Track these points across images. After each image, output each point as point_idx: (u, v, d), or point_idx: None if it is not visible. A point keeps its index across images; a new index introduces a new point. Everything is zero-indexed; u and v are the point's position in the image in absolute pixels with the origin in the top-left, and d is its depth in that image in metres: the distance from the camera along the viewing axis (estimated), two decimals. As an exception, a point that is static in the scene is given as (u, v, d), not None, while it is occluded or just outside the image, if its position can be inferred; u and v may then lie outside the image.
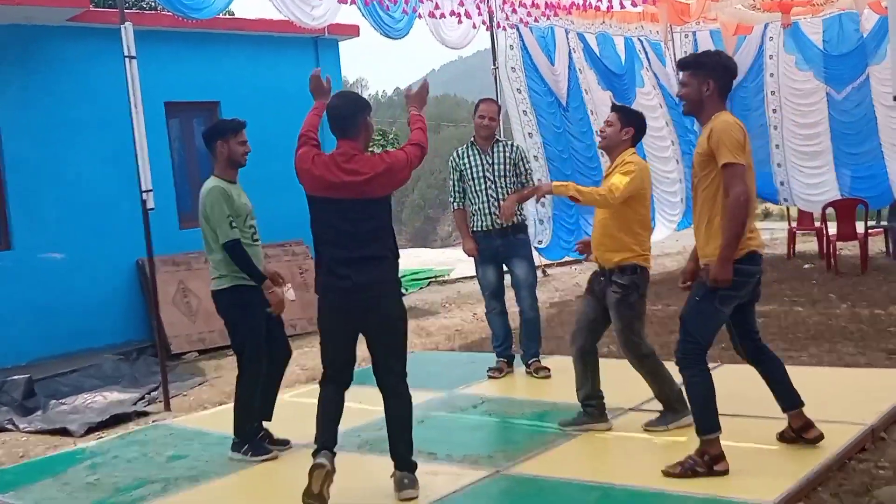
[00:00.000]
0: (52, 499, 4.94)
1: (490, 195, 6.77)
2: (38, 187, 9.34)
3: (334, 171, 4.43)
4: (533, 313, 6.92)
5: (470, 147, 6.89)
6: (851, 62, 11.73)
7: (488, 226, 6.79)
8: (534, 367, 6.89)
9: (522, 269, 6.87)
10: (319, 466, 4.29)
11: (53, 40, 9.49)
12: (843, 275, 10.35)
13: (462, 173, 6.89)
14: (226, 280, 5.27)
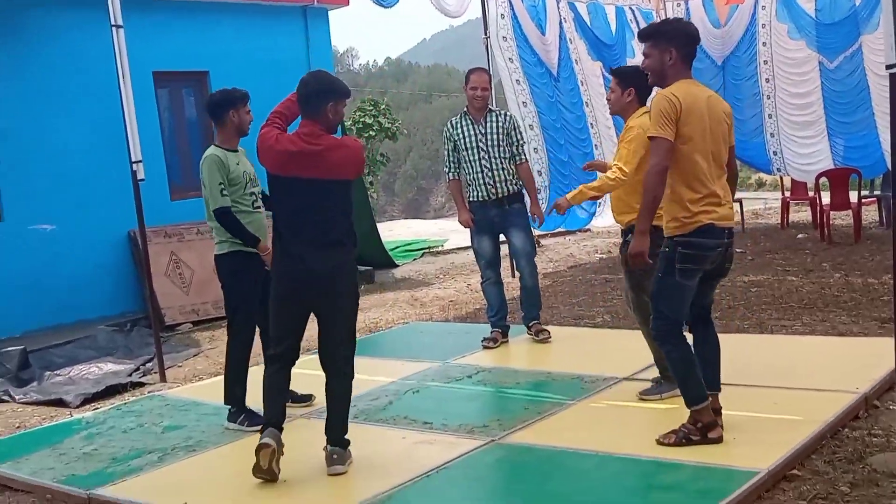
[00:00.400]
0: (49, 469, 4.95)
1: (484, 165, 6.76)
2: (28, 159, 9.27)
3: (296, 142, 4.43)
4: (532, 280, 6.95)
5: (463, 117, 6.86)
6: (843, 31, 11.68)
7: (484, 196, 6.79)
8: (534, 329, 6.95)
9: (520, 239, 6.87)
10: (265, 446, 4.35)
11: (40, 10, 9.37)
12: (837, 244, 10.38)
13: (456, 144, 6.87)
14: (225, 245, 5.40)
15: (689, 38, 4.43)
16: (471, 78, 6.86)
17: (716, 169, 4.35)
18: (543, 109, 11.48)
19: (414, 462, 4.54)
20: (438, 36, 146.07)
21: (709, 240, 4.30)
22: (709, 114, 4.32)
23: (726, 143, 4.42)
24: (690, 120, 4.25)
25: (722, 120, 4.38)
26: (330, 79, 4.60)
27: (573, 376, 5.83)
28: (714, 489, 3.84)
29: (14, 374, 7.41)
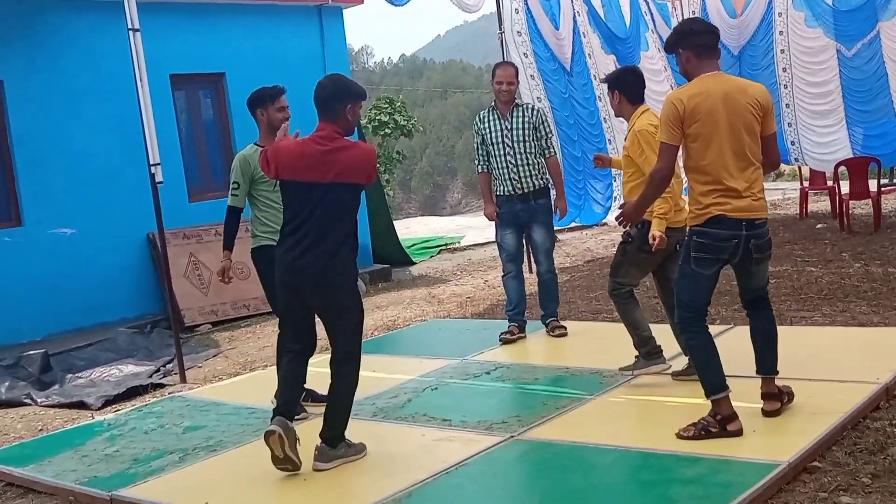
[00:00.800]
0: (71, 471, 4.99)
1: (509, 161, 6.79)
2: (47, 163, 9.35)
3: (311, 144, 4.50)
4: (549, 275, 6.96)
5: (491, 112, 6.90)
6: (861, 17, 11.56)
7: (509, 191, 6.83)
8: (551, 325, 6.97)
9: (540, 234, 6.90)
10: (270, 433, 4.41)
11: (57, 14, 9.45)
12: (856, 234, 10.30)
13: (484, 138, 6.93)
14: (256, 240, 5.53)
15: (691, 34, 4.49)
16: (496, 72, 6.88)
17: (737, 162, 4.36)
18: (557, 105, 11.47)
19: (433, 459, 4.55)
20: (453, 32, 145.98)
21: (721, 231, 4.35)
22: (725, 108, 4.33)
23: (752, 133, 4.39)
24: (697, 118, 4.32)
25: (745, 111, 4.36)
26: (346, 81, 4.66)
27: (592, 371, 5.83)
28: (734, 482, 3.82)
29: (36, 378, 7.48)
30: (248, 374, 7.15)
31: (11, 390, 7.23)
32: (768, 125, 4.46)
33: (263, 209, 5.48)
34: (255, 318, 9.73)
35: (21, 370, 7.57)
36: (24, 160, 9.24)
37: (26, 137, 9.25)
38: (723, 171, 4.35)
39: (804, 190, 12.68)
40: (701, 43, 4.45)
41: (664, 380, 5.44)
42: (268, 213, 5.46)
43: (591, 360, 6.08)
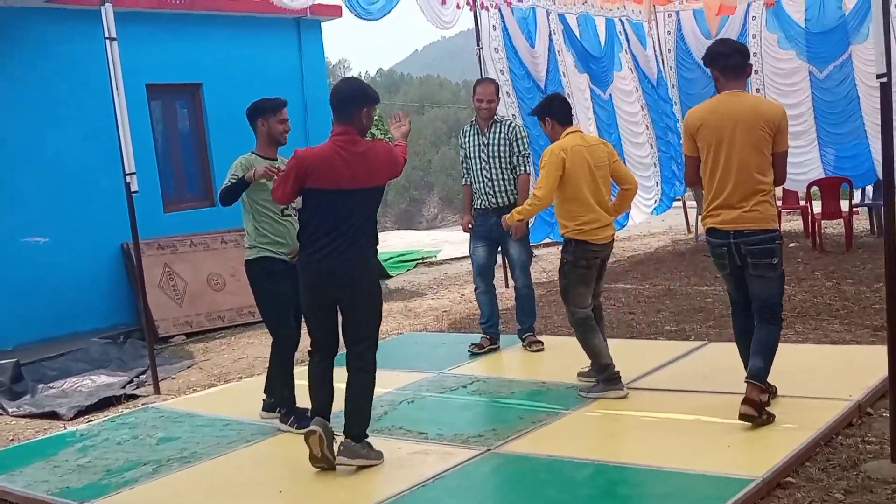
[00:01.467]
0: (43, 481, 4.94)
1: (484, 175, 6.86)
2: (21, 170, 9.26)
3: (340, 149, 4.60)
4: (526, 290, 6.99)
5: (472, 126, 7.01)
6: (833, 40, 11.74)
7: (485, 205, 6.91)
8: (528, 340, 7.00)
9: (515, 249, 6.94)
10: (311, 433, 4.55)
11: (33, 22, 9.38)
12: (828, 253, 10.42)
13: (465, 152, 7.01)
14: (254, 251, 5.45)
15: (719, 56, 4.87)
16: (477, 90, 6.98)
17: (737, 176, 4.72)
18: (529, 123, 11.50)
19: (409, 472, 4.54)
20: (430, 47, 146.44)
21: (713, 239, 4.93)
22: (732, 125, 4.71)
23: (758, 150, 4.70)
24: (701, 133, 4.82)
25: (754, 129, 4.69)
26: (362, 85, 4.82)
27: (568, 386, 5.85)
28: (709, 496, 3.85)
29: (7, 387, 7.39)
30: (222, 385, 7.11)
31: (-19, 400, 7.14)
32: (779, 143, 4.75)
33: (261, 219, 5.42)
34: (230, 329, 9.68)
35: (-9, 380, 7.48)
36: (-3, 168, 9.15)
37: (0, 146, 9.16)
38: (718, 183, 4.77)
39: (777, 209, 12.80)
40: (727, 65, 4.83)
41: (639, 395, 5.46)
42: (266, 223, 5.41)
43: (567, 374, 6.10)
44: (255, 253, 5.43)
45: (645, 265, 11.02)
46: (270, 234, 5.41)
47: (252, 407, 6.11)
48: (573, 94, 12.00)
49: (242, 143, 11.17)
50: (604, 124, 12.23)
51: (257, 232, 5.42)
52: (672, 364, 6.15)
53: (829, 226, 11.98)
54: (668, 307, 8.24)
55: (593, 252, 5.60)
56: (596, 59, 12.30)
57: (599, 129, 12.12)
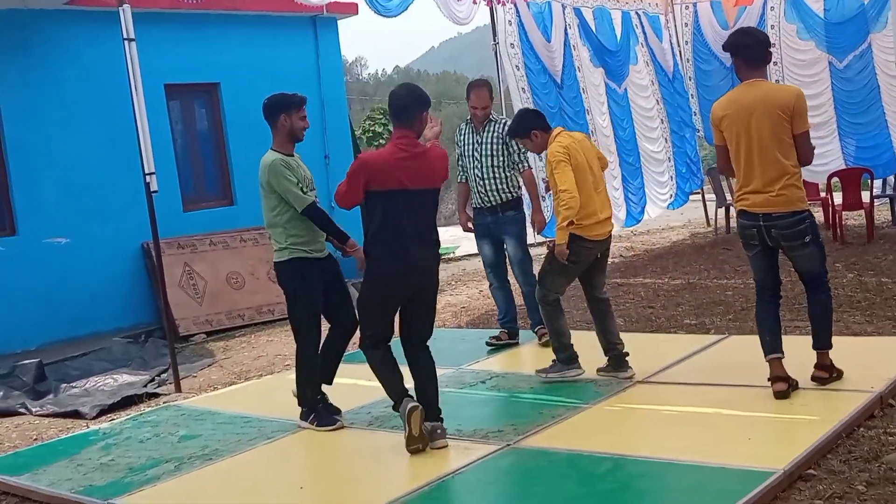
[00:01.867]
0: (67, 479, 4.98)
1: (476, 174, 6.87)
2: (41, 172, 9.35)
3: (401, 155, 4.79)
4: (528, 288, 6.92)
5: (467, 125, 7.02)
6: (852, 30, 11.66)
7: (479, 203, 6.95)
8: (539, 333, 6.99)
9: (511, 246, 6.97)
10: (414, 408, 4.73)
11: (52, 24, 9.46)
12: (850, 244, 10.35)
13: (461, 150, 7.03)
14: (286, 252, 5.36)
15: (740, 47, 5.04)
16: (471, 96, 6.94)
17: (760, 162, 4.93)
18: None
19: (429, 468, 4.55)
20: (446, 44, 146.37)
21: (743, 220, 5.13)
22: (751, 114, 4.90)
23: (777, 135, 4.87)
24: (724, 124, 5.03)
25: (771, 115, 4.86)
26: (418, 90, 5.00)
27: (587, 380, 5.84)
28: (730, 490, 3.83)
29: (30, 387, 7.46)
30: (243, 383, 7.15)
31: (6, 400, 7.22)
32: (797, 125, 4.89)
33: (295, 220, 5.34)
34: (250, 327, 9.73)
35: (15, 380, 7.56)
36: (18, 170, 9.24)
37: (20, 147, 9.25)
38: (745, 170, 5.00)
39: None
40: (748, 56, 5.01)
41: (659, 388, 5.45)
42: (294, 223, 5.34)
43: (586, 368, 6.08)
44: (287, 254, 5.36)
45: (664, 259, 10.98)
46: (300, 233, 5.35)
47: (272, 404, 6.16)
48: (587, 90, 11.97)
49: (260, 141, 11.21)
50: (617, 119, 12.19)
51: (287, 233, 5.35)
52: (692, 358, 6.13)
53: (850, 217, 11.89)
54: (688, 301, 8.21)
55: (587, 249, 5.64)
56: (612, 53, 12.26)
57: (613, 125, 12.09)
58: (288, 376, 7.06)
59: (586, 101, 11.96)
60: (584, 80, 12.01)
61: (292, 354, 7.90)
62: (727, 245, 11.51)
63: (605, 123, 11.99)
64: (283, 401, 6.20)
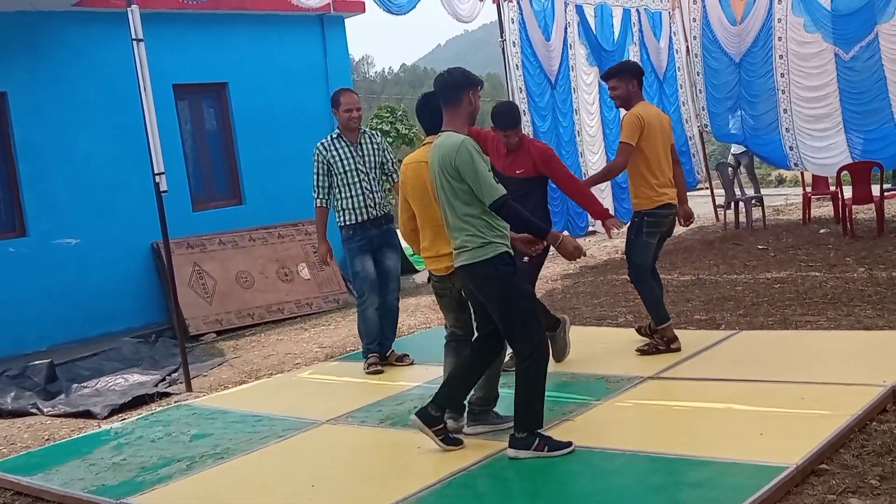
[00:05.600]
0: (79, 479, 5.00)
1: (364, 187, 6.68)
2: (50, 174, 9.39)
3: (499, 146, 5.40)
4: (397, 304, 6.94)
5: (337, 140, 6.74)
6: (860, 20, 11.59)
7: (363, 218, 6.68)
8: (392, 357, 6.87)
9: (393, 259, 6.87)
10: None
11: (60, 25, 9.49)
12: (860, 238, 10.30)
13: (331, 167, 6.69)
14: (489, 248, 4.53)
15: (639, 70, 6.19)
16: (343, 100, 6.73)
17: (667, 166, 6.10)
18: (538, 122, 11.43)
19: (440, 464, 4.55)
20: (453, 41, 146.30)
21: (667, 210, 6.12)
22: (659, 124, 6.06)
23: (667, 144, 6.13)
24: (647, 130, 5.97)
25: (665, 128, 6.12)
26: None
27: (597, 377, 5.82)
28: (742, 485, 3.82)
29: (42, 388, 7.49)
30: (253, 382, 7.16)
31: (17, 400, 7.24)
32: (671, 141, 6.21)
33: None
34: (259, 326, 9.75)
35: (27, 380, 7.59)
36: (28, 171, 9.27)
37: (30, 148, 9.28)
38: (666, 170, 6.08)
39: (807, 195, 12.69)
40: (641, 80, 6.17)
41: (670, 384, 5.44)
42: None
43: (595, 365, 6.09)
44: (492, 251, 4.52)
45: (673, 255, 10.94)
46: (501, 226, 4.59)
47: (283, 403, 6.17)
48: (578, 89, 11.98)
49: (269, 140, 11.32)
50: (606, 119, 12.23)
51: (489, 225, 4.53)
52: (702, 353, 6.11)
53: (860, 211, 11.84)
54: (698, 296, 8.19)
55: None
56: (608, 53, 12.26)
57: (603, 124, 12.16)
58: (298, 375, 7.10)
59: (575, 102, 11.98)
60: (577, 80, 12.02)
61: (302, 353, 8.00)
62: (736, 240, 11.49)
63: (591, 122, 12.05)
64: (293, 399, 6.23)
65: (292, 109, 11.24)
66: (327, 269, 10.41)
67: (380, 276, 6.82)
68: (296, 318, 10.04)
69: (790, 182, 24.40)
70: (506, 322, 4.55)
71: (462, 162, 4.44)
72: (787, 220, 13.13)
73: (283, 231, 10.81)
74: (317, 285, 10.57)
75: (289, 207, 10.79)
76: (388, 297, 6.88)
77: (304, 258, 10.67)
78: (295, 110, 11.27)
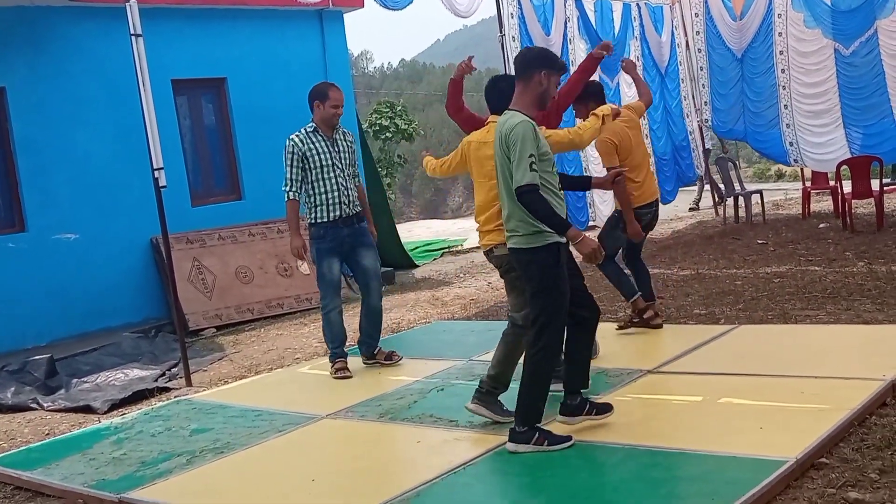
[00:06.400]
0: (79, 474, 5.00)
1: (340, 183, 6.51)
2: (49, 169, 9.38)
3: None
4: (380, 303, 6.77)
5: (314, 133, 6.55)
6: (860, 16, 11.60)
7: (336, 215, 6.49)
8: (383, 354, 6.76)
9: (370, 258, 6.68)
10: None
11: (59, 20, 9.47)
12: (859, 233, 10.31)
13: (307, 161, 6.49)
14: (540, 237, 4.48)
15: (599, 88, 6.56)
16: (332, 95, 6.54)
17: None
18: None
19: (440, 459, 4.56)
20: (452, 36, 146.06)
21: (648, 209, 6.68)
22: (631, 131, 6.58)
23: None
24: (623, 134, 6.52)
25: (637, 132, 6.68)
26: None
27: (597, 370, 5.81)
28: (742, 479, 3.82)
29: (42, 383, 7.49)
30: (253, 377, 7.16)
31: (18, 395, 7.25)
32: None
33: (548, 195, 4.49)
34: (259, 321, 9.76)
35: (27, 375, 7.59)
36: (27, 166, 9.26)
37: (29, 144, 9.27)
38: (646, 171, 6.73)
39: (806, 190, 12.70)
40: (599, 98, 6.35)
41: (669, 378, 5.44)
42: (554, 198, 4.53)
43: (596, 359, 6.08)
44: (543, 239, 4.46)
45: (673, 249, 10.95)
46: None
47: (283, 397, 6.17)
48: None
49: (268, 135, 11.31)
50: None
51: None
52: (702, 347, 6.11)
53: (860, 205, 11.84)
54: (697, 291, 8.19)
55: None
56: (609, 48, 12.23)
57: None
58: (298, 369, 7.10)
59: None
60: (574, 75, 11.98)
61: (302, 348, 8.01)
62: (735, 234, 11.49)
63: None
64: (293, 394, 6.23)
65: (291, 105, 11.19)
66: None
67: (359, 277, 6.70)
68: (295, 313, 10.04)
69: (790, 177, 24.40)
70: (534, 310, 4.55)
71: (513, 141, 4.40)
72: (786, 215, 13.14)
73: (282, 226, 10.79)
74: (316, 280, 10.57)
75: (287, 203, 10.78)
76: (371, 299, 6.71)
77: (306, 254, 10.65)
78: (294, 105, 11.17)
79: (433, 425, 5.13)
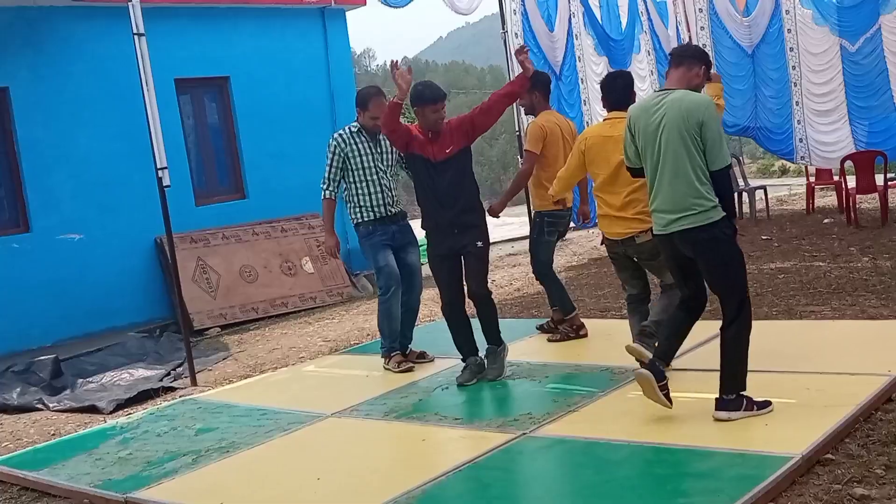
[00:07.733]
0: (85, 474, 5.01)
1: (384, 184, 6.52)
2: (53, 169, 9.39)
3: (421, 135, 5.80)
4: (419, 303, 6.84)
5: (358, 134, 6.55)
6: (864, 11, 11.57)
7: (382, 213, 6.52)
8: (411, 356, 6.72)
9: (414, 256, 6.71)
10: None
11: (62, 20, 9.48)
12: (864, 228, 10.28)
13: (348, 160, 6.50)
14: (719, 210, 4.55)
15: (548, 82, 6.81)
16: (373, 104, 6.50)
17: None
18: None
19: (445, 457, 4.57)
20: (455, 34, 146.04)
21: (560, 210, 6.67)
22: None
23: None
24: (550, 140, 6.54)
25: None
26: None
27: (602, 368, 5.83)
28: (748, 475, 3.82)
29: (47, 383, 7.51)
30: (258, 376, 7.17)
31: (23, 396, 7.26)
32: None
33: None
34: (264, 320, 9.76)
35: (32, 376, 7.61)
36: (30, 167, 9.28)
37: (33, 144, 9.29)
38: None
39: (811, 185, 12.66)
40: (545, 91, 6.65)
41: (675, 375, 5.43)
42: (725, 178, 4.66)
43: (600, 356, 6.09)
44: (719, 213, 4.55)
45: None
46: None
47: (288, 396, 6.18)
48: (587, 79, 11.92)
49: (271, 134, 11.31)
50: None
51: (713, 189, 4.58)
52: (706, 344, 6.08)
53: (864, 200, 11.81)
54: (702, 287, 8.17)
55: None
56: (616, 42, 12.21)
57: None
58: (303, 368, 7.11)
59: (584, 92, 11.92)
60: (584, 70, 11.96)
61: (306, 347, 8.01)
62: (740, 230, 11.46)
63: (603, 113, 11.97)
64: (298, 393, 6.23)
65: (294, 103, 11.25)
66: (331, 262, 10.42)
67: (403, 274, 6.68)
68: (300, 312, 10.04)
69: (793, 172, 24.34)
70: (723, 285, 4.69)
71: (709, 118, 4.46)
72: (790, 211, 13.11)
73: (286, 225, 10.81)
74: (320, 279, 10.57)
75: (291, 201, 10.79)
76: (412, 296, 6.74)
77: (308, 252, 10.67)
78: (297, 104, 11.27)
79: (438, 424, 5.14)
